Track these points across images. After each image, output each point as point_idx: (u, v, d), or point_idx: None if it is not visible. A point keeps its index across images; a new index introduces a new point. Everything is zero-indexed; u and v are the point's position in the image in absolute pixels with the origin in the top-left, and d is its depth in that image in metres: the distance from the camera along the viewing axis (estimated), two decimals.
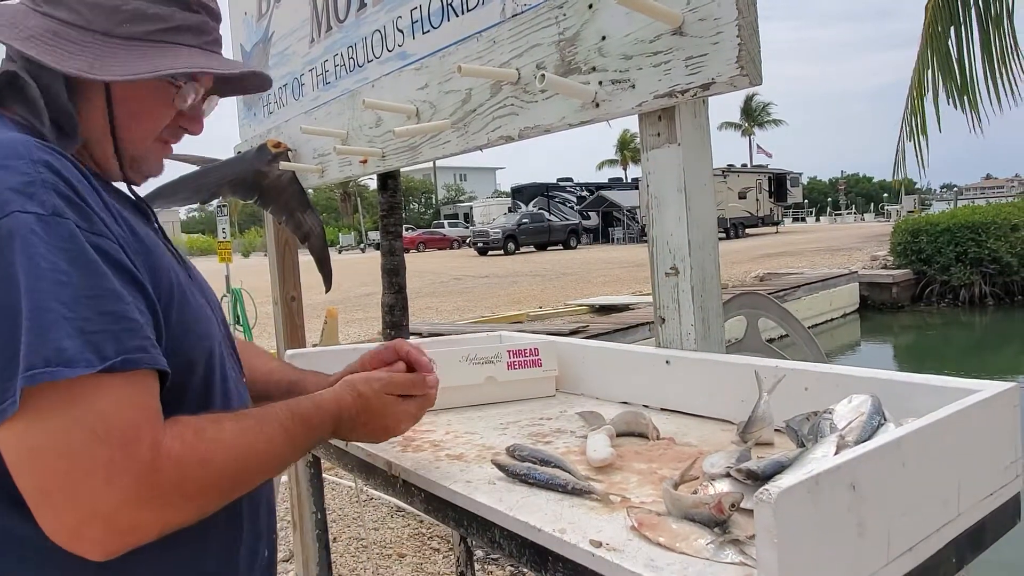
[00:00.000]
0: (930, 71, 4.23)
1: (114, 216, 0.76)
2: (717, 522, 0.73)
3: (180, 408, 0.76)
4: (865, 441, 0.74)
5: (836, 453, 0.72)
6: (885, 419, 0.83)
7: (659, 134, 1.30)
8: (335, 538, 3.65)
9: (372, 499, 4.22)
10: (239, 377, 0.97)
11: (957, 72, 4.09)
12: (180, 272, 0.86)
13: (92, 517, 0.65)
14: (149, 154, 0.90)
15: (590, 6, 1.38)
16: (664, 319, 1.34)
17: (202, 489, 0.73)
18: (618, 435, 1.14)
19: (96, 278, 0.69)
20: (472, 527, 0.93)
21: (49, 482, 0.65)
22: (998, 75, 4.01)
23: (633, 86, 1.30)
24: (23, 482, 0.66)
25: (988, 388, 0.83)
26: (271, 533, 0.99)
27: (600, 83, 1.36)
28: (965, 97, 4.14)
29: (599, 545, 0.73)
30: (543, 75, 1.32)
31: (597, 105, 1.38)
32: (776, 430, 1.02)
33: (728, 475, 0.82)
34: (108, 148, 0.86)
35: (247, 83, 1.01)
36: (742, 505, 0.74)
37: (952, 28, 4.07)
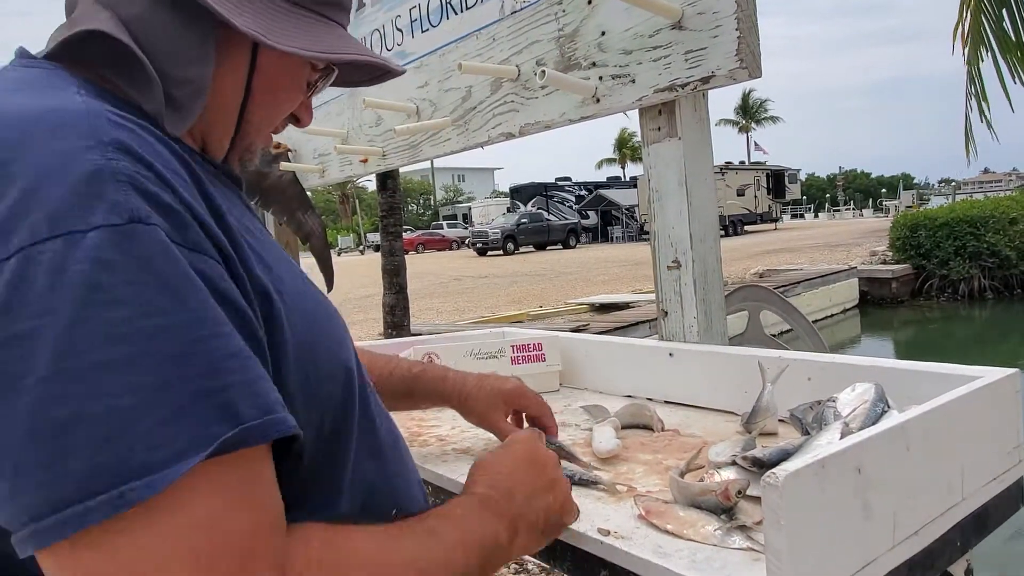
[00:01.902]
0: (985, 47, 4.18)
1: (219, 214, 0.54)
2: (724, 509, 0.74)
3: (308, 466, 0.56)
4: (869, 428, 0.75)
5: (841, 439, 0.73)
6: (888, 406, 0.84)
7: (660, 128, 1.31)
8: None
9: None
10: (374, 390, 0.72)
11: (1016, 48, 4.05)
12: (295, 266, 0.66)
13: None
14: (263, 140, 0.72)
15: (589, 2, 1.39)
16: (667, 312, 1.35)
17: None
18: (623, 427, 1.15)
19: (202, 318, 0.47)
20: None
21: None
22: None
23: (633, 81, 1.31)
24: None
25: (990, 374, 0.84)
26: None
27: (600, 78, 1.37)
28: None
29: (607, 533, 0.74)
30: (543, 71, 1.33)
31: (597, 100, 1.39)
32: (780, 420, 1.03)
33: (734, 463, 0.83)
34: (228, 129, 0.67)
35: (355, 76, 0.80)
36: (748, 492, 0.75)
37: (1004, 9, 4.05)
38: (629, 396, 1.37)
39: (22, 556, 0.42)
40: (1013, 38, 4.06)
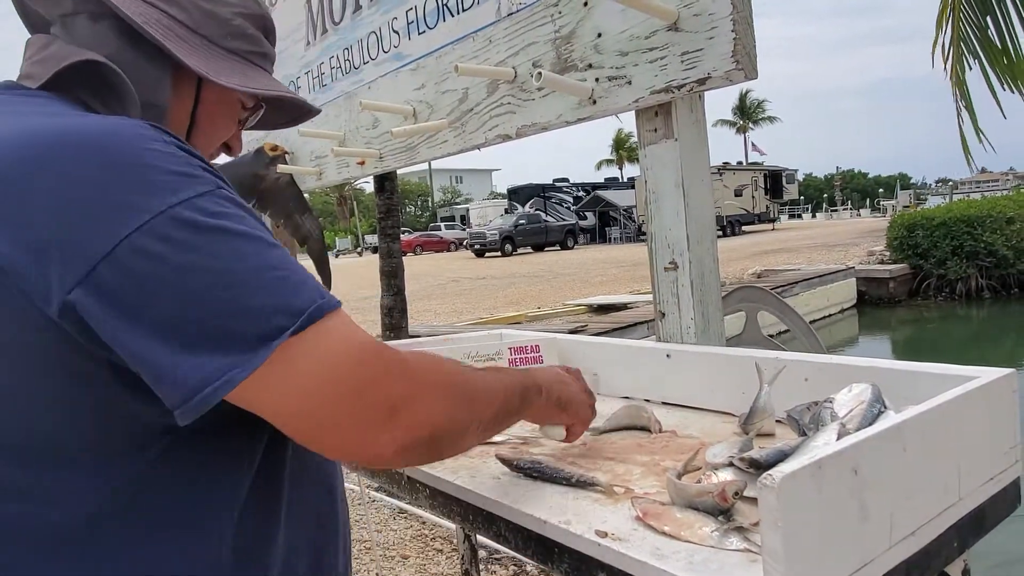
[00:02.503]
0: (974, 57, 4.18)
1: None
2: (721, 510, 0.74)
3: None
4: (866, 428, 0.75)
5: (838, 440, 0.73)
6: (885, 407, 0.84)
7: (656, 130, 1.31)
8: None
9: (374, 501, 4.23)
10: None
11: (1002, 55, 4.05)
12: None
13: (382, 421, 0.65)
14: None
15: (585, 3, 1.39)
16: (664, 313, 1.35)
17: (449, 392, 0.72)
18: (620, 429, 1.15)
19: (269, 240, 0.67)
20: (478, 521, 0.93)
21: (338, 409, 0.64)
22: None
23: (629, 82, 1.31)
24: (308, 424, 0.64)
25: (987, 374, 0.84)
26: (346, 542, 0.91)
27: (597, 80, 1.37)
28: (1020, 81, 4.09)
29: (605, 535, 0.74)
30: (540, 73, 1.33)
31: (594, 102, 1.39)
32: (777, 421, 1.03)
33: (731, 464, 0.83)
34: None
35: (274, 118, 1.03)
36: (745, 493, 0.75)
37: (988, 16, 4.05)
38: (627, 397, 1.37)
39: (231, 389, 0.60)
40: (999, 44, 4.06)
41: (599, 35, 1.37)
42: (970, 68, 4.30)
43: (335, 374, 0.64)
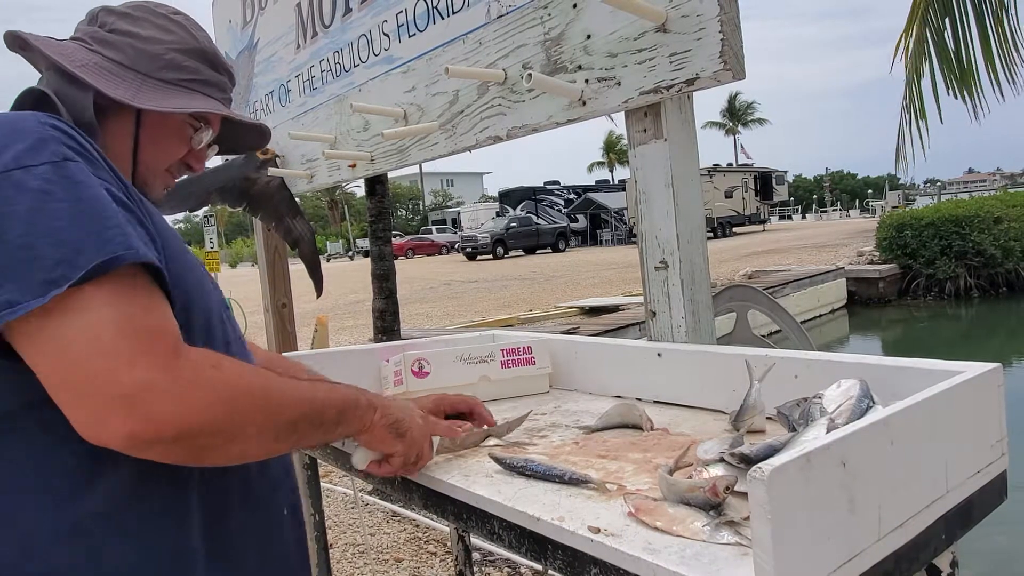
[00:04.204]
0: (927, 60, 4.21)
1: (120, 179, 0.84)
2: (712, 505, 0.74)
3: None
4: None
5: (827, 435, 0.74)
6: (873, 402, 0.85)
7: (646, 130, 1.32)
8: (332, 544, 3.64)
9: (368, 505, 4.22)
10: (245, 356, 1.01)
11: (955, 62, 4.08)
12: (190, 253, 0.95)
13: (115, 399, 0.69)
14: (157, 181, 1.02)
15: (574, 5, 1.40)
16: (655, 313, 1.36)
17: (215, 393, 0.75)
18: (613, 427, 1.15)
19: (99, 201, 0.76)
20: (471, 520, 0.94)
21: (77, 373, 0.69)
22: (998, 64, 3.99)
23: (619, 83, 1.32)
24: (53, 377, 0.71)
25: (972, 368, 0.85)
26: (292, 486, 1.02)
27: (586, 81, 1.38)
28: (964, 87, 4.13)
29: (598, 531, 0.74)
30: (530, 74, 1.33)
31: (584, 103, 1.40)
32: (768, 418, 1.04)
33: (722, 460, 0.83)
34: (127, 167, 0.98)
35: (248, 139, 1.19)
36: (736, 488, 0.75)
37: (947, 19, 4.08)
38: (619, 396, 1.37)
39: None
40: (952, 47, 4.09)
41: (588, 37, 1.38)
42: (923, 75, 4.33)
43: (91, 340, 0.70)
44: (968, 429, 0.82)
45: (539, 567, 0.83)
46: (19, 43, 0.96)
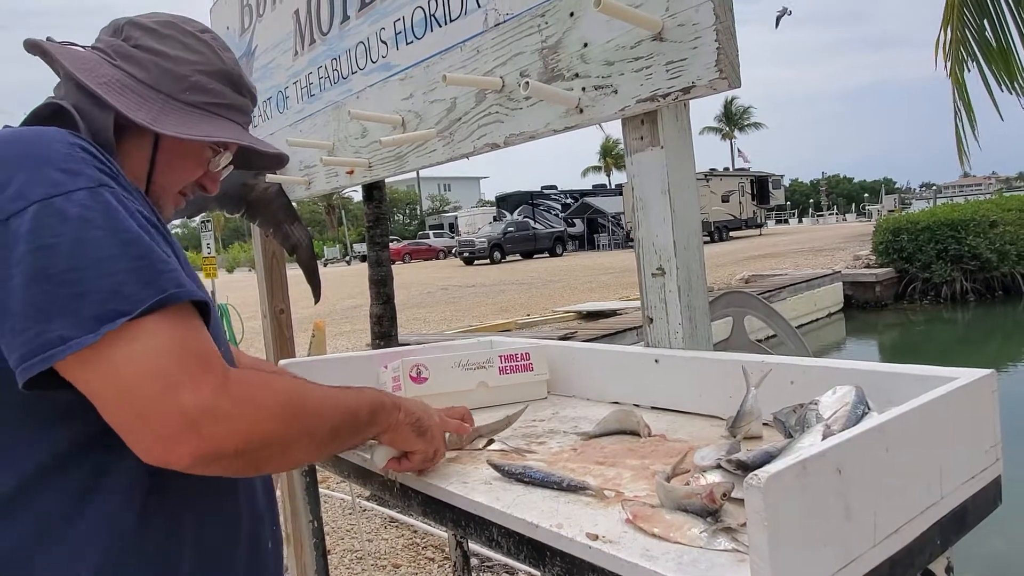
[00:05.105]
0: (969, 56, 4.22)
1: (147, 203, 0.87)
2: (709, 511, 0.75)
3: None
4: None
5: (822, 441, 0.74)
6: (869, 408, 0.85)
7: (642, 137, 1.33)
8: (330, 550, 3.63)
9: (365, 511, 4.21)
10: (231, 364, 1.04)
11: (999, 56, 4.10)
12: (191, 268, 0.96)
13: (180, 423, 0.71)
14: (168, 201, 1.02)
15: (571, 14, 1.41)
16: (652, 319, 1.36)
17: (268, 410, 0.78)
18: (610, 433, 1.16)
19: (139, 233, 0.77)
20: (470, 527, 0.94)
21: (138, 398, 0.71)
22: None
23: (616, 91, 1.33)
24: (113, 404, 0.72)
25: (966, 375, 0.86)
26: (272, 520, 1.03)
27: (583, 89, 1.39)
28: (1015, 82, 4.14)
29: (595, 538, 0.75)
30: (527, 82, 1.34)
31: (581, 111, 1.40)
32: (764, 424, 1.05)
33: (719, 466, 0.84)
34: (141, 187, 0.96)
35: (263, 161, 1.18)
36: (733, 495, 0.76)
37: (985, 20, 4.10)
38: (616, 403, 1.38)
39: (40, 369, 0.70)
40: (995, 46, 4.12)
41: (585, 45, 1.38)
42: (968, 70, 4.36)
43: (151, 369, 0.71)
44: (962, 435, 0.82)
45: (538, 573, 0.83)
46: (38, 50, 0.94)
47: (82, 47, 0.98)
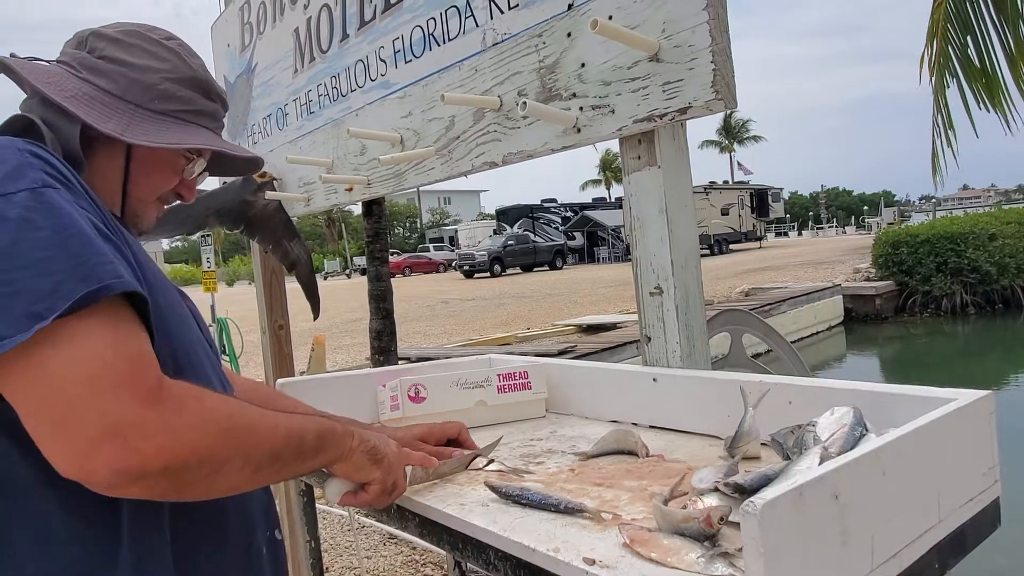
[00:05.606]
0: (950, 73, 4.24)
1: (101, 210, 0.82)
2: (707, 536, 0.75)
3: None
4: (848, 451, 0.76)
5: (820, 464, 0.74)
6: (867, 430, 0.85)
7: (639, 157, 1.33)
8: (327, 568, 3.61)
9: (364, 527, 4.19)
10: (224, 386, 1.01)
11: (981, 75, 4.12)
12: (169, 284, 0.94)
13: (100, 432, 0.68)
14: (147, 211, 1.02)
15: (569, 35, 1.42)
16: (650, 338, 1.36)
17: (200, 426, 0.74)
18: (608, 453, 1.16)
19: (82, 231, 0.74)
20: (467, 550, 0.94)
21: (59, 405, 0.68)
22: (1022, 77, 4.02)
23: (613, 111, 1.33)
24: (33, 410, 0.69)
25: (964, 396, 0.86)
26: (268, 525, 1.01)
27: (581, 109, 1.40)
28: (995, 100, 4.16)
29: (593, 563, 0.74)
30: (525, 102, 1.35)
31: (578, 130, 1.41)
32: (762, 444, 1.04)
33: (716, 489, 0.84)
34: (116, 200, 0.97)
35: (240, 165, 1.17)
36: (730, 518, 0.76)
37: (968, 36, 4.12)
38: (614, 421, 1.38)
39: None
40: (978, 65, 4.14)
41: (582, 65, 1.39)
42: (947, 86, 4.38)
43: (79, 373, 0.68)
44: (960, 457, 0.82)
45: None
46: (2, 67, 0.93)
47: (47, 62, 0.97)
